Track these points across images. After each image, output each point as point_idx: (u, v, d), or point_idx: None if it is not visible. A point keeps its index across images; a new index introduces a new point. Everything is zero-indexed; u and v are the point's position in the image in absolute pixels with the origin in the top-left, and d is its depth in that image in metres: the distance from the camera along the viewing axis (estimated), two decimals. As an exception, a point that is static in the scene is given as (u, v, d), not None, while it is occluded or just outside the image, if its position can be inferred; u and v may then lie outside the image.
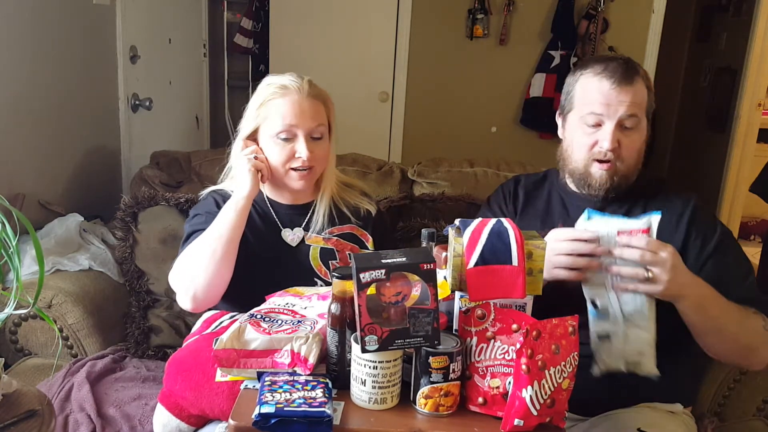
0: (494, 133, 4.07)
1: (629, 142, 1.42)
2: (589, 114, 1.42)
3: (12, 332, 1.88)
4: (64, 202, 2.28)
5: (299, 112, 1.51)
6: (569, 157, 1.50)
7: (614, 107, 1.40)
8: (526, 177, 1.67)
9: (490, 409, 1.10)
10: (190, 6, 3.52)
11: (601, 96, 1.40)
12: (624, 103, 1.39)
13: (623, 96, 1.39)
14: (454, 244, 1.14)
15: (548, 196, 1.60)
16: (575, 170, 1.48)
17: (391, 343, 1.06)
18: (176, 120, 3.41)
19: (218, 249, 1.44)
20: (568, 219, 1.51)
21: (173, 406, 1.36)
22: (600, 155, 1.43)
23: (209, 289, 1.45)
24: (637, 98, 1.41)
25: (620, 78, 1.40)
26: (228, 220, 1.46)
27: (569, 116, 1.49)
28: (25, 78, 2.10)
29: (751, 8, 4.05)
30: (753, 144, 4.27)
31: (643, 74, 1.44)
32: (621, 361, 1.31)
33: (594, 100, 1.41)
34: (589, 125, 1.43)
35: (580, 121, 1.45)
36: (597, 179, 1.45)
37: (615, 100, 1.39)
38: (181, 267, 1.49)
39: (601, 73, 1.41)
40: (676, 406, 1.49)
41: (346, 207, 1.65)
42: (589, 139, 1.43)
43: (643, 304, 1.28)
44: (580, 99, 1.45)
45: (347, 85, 3.78)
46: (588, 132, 1.43)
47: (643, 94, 1.43)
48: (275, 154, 1.53)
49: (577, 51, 3.84)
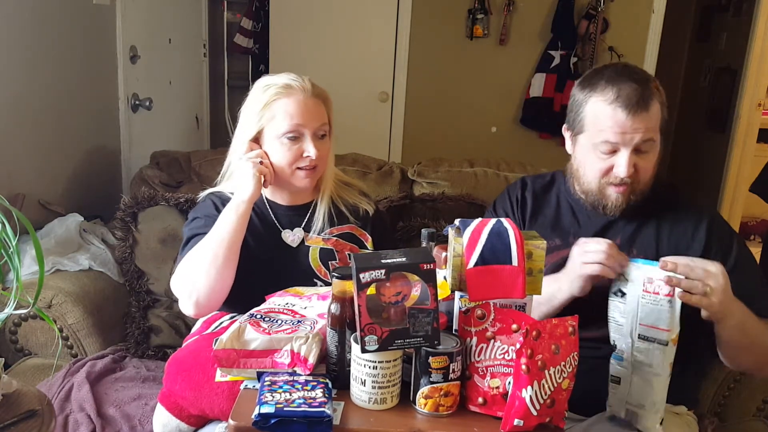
0: (494, 133, 4.07)
1: (645, 163, 1.38)
2: (603, 142, 1.37)
3: (12, 332, 1.88)
4: (64, 202, 2.28)
5: (305, 111, 1.50)
6: (581, 178, 1.45)
7: (630, 135, 1.34)
8: (533, 180, 1.63)
9: (490, 409, 1.10)
10: (190, 6, 3.52)
11: (616, 125, 1.34)
12: (640, 131, 1.34)
13: (639, 123, 1.34)
14: (454, 244, 1.14)
15: (557, 204, 1.56)
16: (589, 191, 1.44)
17: (390, 343, 1.06)
18: (176, 120, 3.41)
19: (220, 254, 1.43)
20: (579, 231, 1.50)
21: (173, 407, 1.36)
22: (615, 180, 1.39)
23: (212, 294, 1.44)
24: (652, 122, 1.35)
25: (635, 106, 1.33)
26: (229, 225, 1.45)
27: (580, 138, 1.43)
28: (25, 78, 2.10)
29: (751, 8, 4.05)
30: (753, 144, 4.27)
31: (656, 91, 1.37)
32: (622, 407, 1.31)
33: (608, 129, 1.35)
34: (602, 151, 1.38)
35: (593, 147, 1.39)
36: (613, 201, 1.42)
37: (630, 128, 1.34)
38: (182, 273, 1.48)
39: (614, 102, 1.34)
40: (680, 408, 1.49)
41: (344, 206, 1.64)
42: (604, 164, 1.39)
43: (656, 359, 1.26)
44: (592, 124, 1.39)
45: (347, 85, 3.78)
46: (602, 158, 1.38)
47: (658, 114, 1.37)
48: (281, 155, 1.51)
49: (577, 51, 3.84)
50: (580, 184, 1.46)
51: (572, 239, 1.49)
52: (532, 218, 1.57)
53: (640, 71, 1.40)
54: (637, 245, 1.45)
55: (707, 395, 1.75)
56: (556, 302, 1.34)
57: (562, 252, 1.49)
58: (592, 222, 1.49)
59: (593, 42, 3.82)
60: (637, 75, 1.38)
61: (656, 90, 1.37)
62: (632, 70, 1.39)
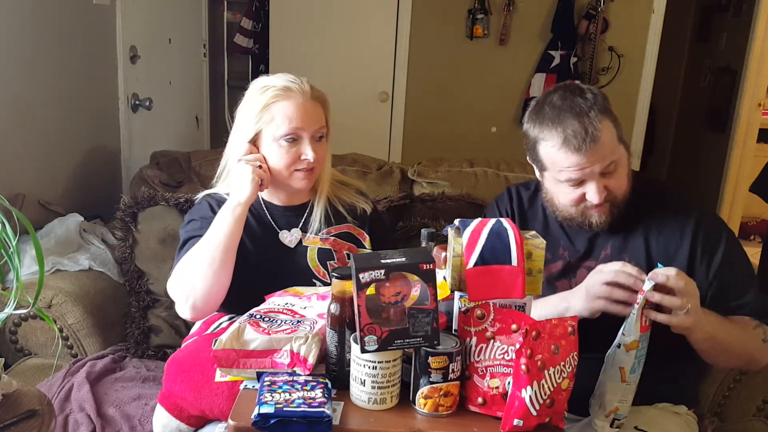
0: (494, 133, 4.07)
1: (615, 181, 1.37)
2: (566, 180, 1.36)
3: (12, 332, 1.88)
4: (64, 202, 2.28)
5: (304, 114, 1.49)
6: (558, 206, 1.44)
7: (589, 169, 1.33)
8: (518, 191, 1.61)
9: (490, 409, 1.10)
10: (190, 6, 3.52)
11: (572, 165, 1.33)
12: (597, 162, 1.32)
13: (593, 157, 1.32)
14: (454, 244, 1.14)
15: (543, 216, 1.55)
16: (570, 217, 1.44)
17: (390, 344, 1.06)
18: (176, 120, 3.41)
19: (216, 256, 1.42)
20: (569, 242, 1.49)
21: (173, 407, 1.36)
22: (591, 205, 1.38)
23: (208, 297, 1.43)
24: (607, 146, 1.33)
25: (583, 144, 1.30)
26: (225, 227, 1.44)
27: (545, 174, 1.42)
28: (25, 78, 2.10)
29: (751, 8, 4.05)
30: (753, 144, 4.27)
31: (600, 112, 1.32)
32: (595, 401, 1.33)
33: (566, 170, 1.34)
34: (570, 185, 1.37)
35: (559, 183, 1.39)
36: (596, 220, 1.41)
37: (588, 163, 1.32)
38: (178, 276, 1.47)
39: (562, 146, 1.32)
40: (680, 408, 1.49)
41: (342, 206, 1.64)
42: (575, 194, 1.38)
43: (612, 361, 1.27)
44: (550, 165, 1.38)
45: (347, 85, 3.78)
46: (572, 189, 1.38)
47: (610, 136, 1.34)
48: (279, 157, 1.50)
49: (577, 51, 3.84)
50: (559, 212, 1.45)
51: (562, 251, 1.50)
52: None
53: (579, 96, 1.34)
54: (628, 252, 1.44)
55: (707, 395, 1.75)
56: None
57: (553, 266, 1.49)
58: (580, 233, 1.48)
59: (593, 42, 3.82)
60: (576, 106, 1.33)
61: (601, 111, 1.32)
62: (572, 102, 1.34)
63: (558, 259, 1.49)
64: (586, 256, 1.48)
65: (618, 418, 1.30)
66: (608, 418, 1.29)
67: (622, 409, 1.29)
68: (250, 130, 1.52)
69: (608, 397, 1.28)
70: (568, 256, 1.49)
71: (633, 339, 1.23)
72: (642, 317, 1.23)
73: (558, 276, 1.49)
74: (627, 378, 1.26)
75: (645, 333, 1.24)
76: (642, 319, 1.23)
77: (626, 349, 1.24)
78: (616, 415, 1.30)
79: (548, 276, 1.47)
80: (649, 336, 1.25)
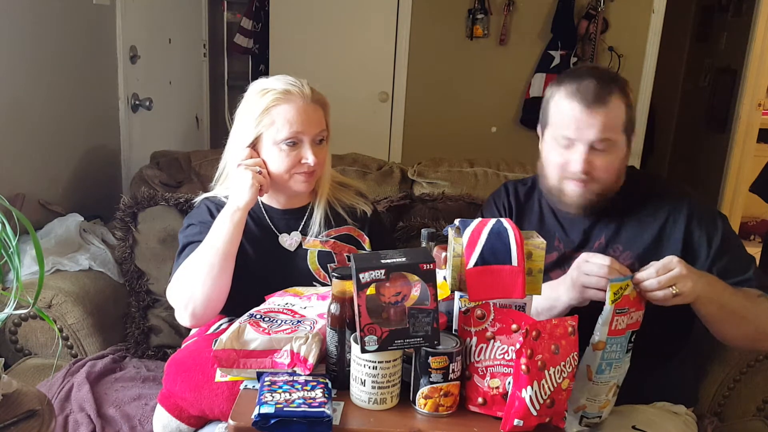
0: (494, 133, 4.07)
1: (603, 163, 1.39)
2: (561, 136, 1.39)
3: (12, 332, 1.88)
4: (64, 202, 2.28)
5: (305, 118, 1.48)
6: (545, 174, 1.47)
7: (584, 131, 1.36)
8: (515, 186, 1.64)
9: (490, 409, 1.10)
10: (190, 6, 3.52)
11: (572, 119, 1.37)
12: (594, 127, 1.35)
13: (594, 119, 1.35)
14: (454, 244, 1.14)
15: (539, 209, 1.57)
16: (551, 188, 1.46)
17: (390, 344, 1.06)
18: (176, 120, 3.41)
19: (215, 263, 1.41)
20: (564, 234, 1.51)
21: (173, 407, 1.36)
22: (572, 175, 1.40)
23: (208, 303, 1.42)
24: (610, 120, 1.36)
25: (592, 100, 1.35)
26: (224, 233, 1.43)
27: (546, 133, 1.46)
28: (25, 78, 2.10)
29: (751, 8, 4.05)
30: (753, 144, 4.28)
31: (619, 90, 1.38)
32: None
33: (565, 123, 1.38)
34: (561, 146, 1.40)
35: (553, 141, 1.42)
36: (570, 196, 1.43)
37: (585, 123, 1.35)
38: (178, 283, 1.46)
39: (572, 95, 1.37)
40: (679, 407, 1.49)
41: (342, 208, 1.63)
42: (561, 159, 1.41)
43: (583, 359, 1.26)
44: (553, 118, 1.42)
45: (347, 85, 3.78)
46: (560, 152, 1.41)
47: (618, 112, 1.38)
48: (280, 161, 1.49)
49: (576, 51, 3.84)
50: (545, 182, 1.48)
51: (558, 243, 1.50)
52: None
53: (609, 72, 1.42)
54: (621, 241, 1.46)
55: (707, 395, 1.75)
56: (555, 312, 1.34)
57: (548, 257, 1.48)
58: (575, 225, 1.50)
59: (593, 42, 3.82)
60: (601, 73, 1.40)
61: (620, 89, 1.38)
62: (600, 70, 1.41)
63: (553, 251, 1.50)
64: (581, 246, 1.49)
65: (587, 417, 1.29)
66: (577, 414, 1.28)
67: (591, 408, 1.28)
68: (249, 133, 1.50)
69: (575, 393, 1.25)
70: (563, 247, 1.50)
71: (599, 339, 1.21)
72: (614, 319, 1.20)
73: (552, 266, 1.49)
74: (593, 377, 1.24)
75: (617, 337, 1.22)
76: (614, 321, 1.20)
77: (593, 348, 1.23)
78: (584, 413, 1.29)
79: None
80: (625, 340, 1.23)
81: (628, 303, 1.21)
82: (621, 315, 1.21)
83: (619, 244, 1.46)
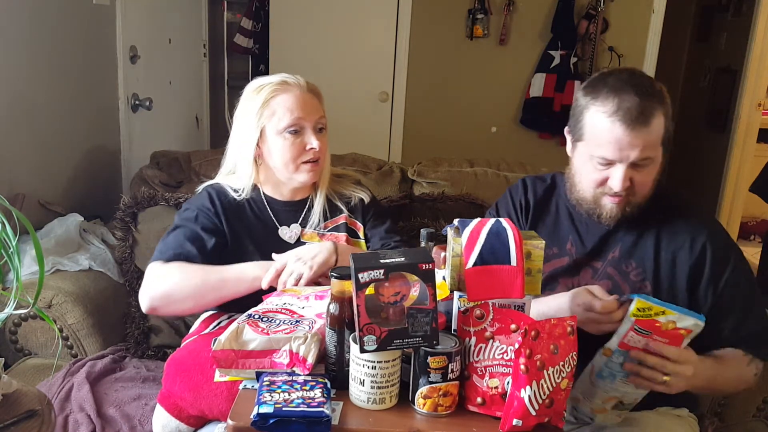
0: (494, 133, 4.07)
1: (642, 177, 1.34)
2: (599, 156, 1.33)
3: (12, 332, 1.88)
4: (64, 202, 2.28)
5: (304, 105, 1.53)
6: (577, 185, 1.43)
7: (627, 152, 1.30)
8: (533, 182, 1.59)
9: (489, 409, 1.10)
10: (190, 6, 3.52)
11: (613, 141, 1.29)
12: (637, 147, 1.29)
13: (637, 140, 1.29)
14: (453, 244, 1.15)
15: (556, 211, 1.53)
16: (584, 200, 1.42)
17: (389, 343, 1.06)
18: (176, 120, 3.41)
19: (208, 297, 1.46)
20: (578, 240, 1.48)
21: (172, 407, 1.36)
22: (610, 192, 1.36)
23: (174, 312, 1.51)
24: (652, 137, 1.30)
25: (635, 121, 1.28)
26: (234, 285, 1.45)
27: (579, 145, 1.39)
28: (25, 78, 2.10)
29: (751, 8, 4.05)
30: (753, 144, 4.27)
31: (660, 104, 1.31)
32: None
33: (605, 143, 1.31)
34: (599, 164, 1.34)
35: (589, 157, 1.36)
36: (608, 211, 1.39)
37: (628, 144, 1.29)
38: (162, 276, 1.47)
39: (614, 115, 1.29)
40: (682, 411, 1.49)
41: (339, 199, 1.66)
42: (599, 176, 1.35)
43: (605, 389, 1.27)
44: (590, 135, 1.34)
45: (347, 85, 3.79)
46: (599, 168, 1.35)
47: (659, 128, 1.31)
48: (285, 150, 1.53)
49: (576, 51, 3.84)
50: (576, 191, 1.44)
51: (570, 248, 1.48)
52: (532, 225, 1.54)
53: (647, 80, 1.34)
54: (635, 257, 1.43)
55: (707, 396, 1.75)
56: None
57: (558, 261, 1.48)
58: (590, 232, 1.47)
59: (593, 42, 3.82)
60: (642, 86, 1.31)
61: (660, 102, 1.31)
62: (637, 80, 1.33)
63: (564, 255, 1.48)
64: (594, 255, 1.46)
65: (576, 410, 1.30)
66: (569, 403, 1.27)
67: (584, 405, 1.29)
68: (253, 129, 1.53)
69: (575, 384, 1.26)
70: (574, 252, 1.48)
71: (608, 346, 1.23)
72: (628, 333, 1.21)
73: (562, 272, 1.48)
74: (593, 378, 1.25)
75: (625, 350, 1.22)
76: (628, 334, 1.21)
77: (602, 352, 1.25)
78: (575, 405, 1.29)
79: (553, 271, 1.47)
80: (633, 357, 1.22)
81: (653, 329, 1.20)
82: (639, 334, 1.20)
83: (633, 260, 1.43)
